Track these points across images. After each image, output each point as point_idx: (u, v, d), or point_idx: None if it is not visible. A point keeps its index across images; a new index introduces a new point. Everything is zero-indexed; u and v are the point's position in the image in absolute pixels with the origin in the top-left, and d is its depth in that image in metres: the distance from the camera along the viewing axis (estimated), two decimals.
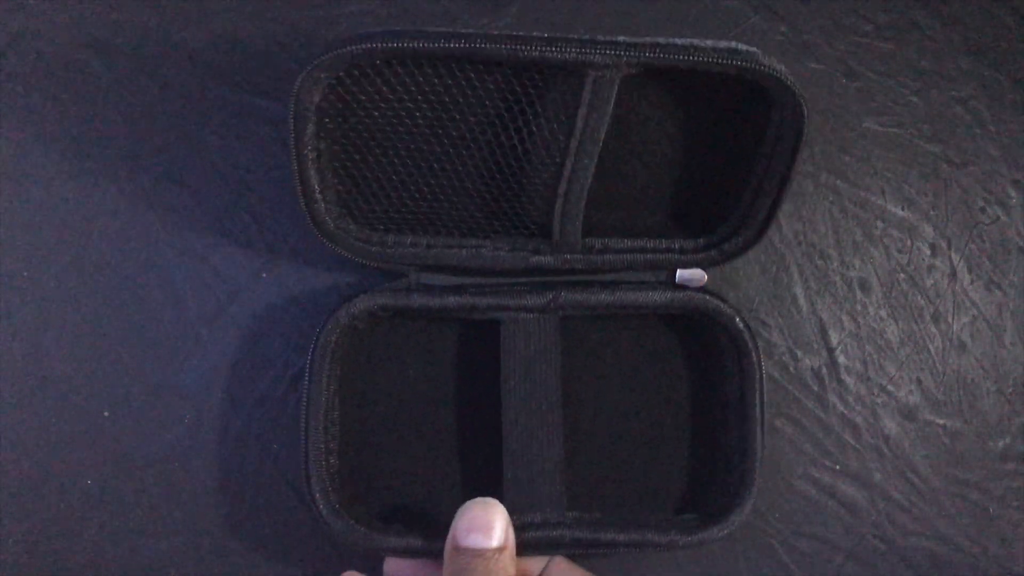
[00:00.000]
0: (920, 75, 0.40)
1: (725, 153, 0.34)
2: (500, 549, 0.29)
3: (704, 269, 0.35)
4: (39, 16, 0.37)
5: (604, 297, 0.34)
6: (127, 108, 0.37)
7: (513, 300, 0.34)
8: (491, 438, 0.35)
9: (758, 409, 0.34)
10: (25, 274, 0.36)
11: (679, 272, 0.35)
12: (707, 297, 0.34)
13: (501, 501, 0.31)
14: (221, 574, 0.36)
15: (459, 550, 0.29)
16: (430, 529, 0.32)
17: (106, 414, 0.36)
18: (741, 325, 0.34)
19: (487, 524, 0.29)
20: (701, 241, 0.35)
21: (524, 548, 0.32)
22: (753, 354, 0.34)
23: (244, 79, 0.37)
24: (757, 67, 0.29)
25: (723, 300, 0.35)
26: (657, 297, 0.34)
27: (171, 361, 0.36)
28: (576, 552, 0.34)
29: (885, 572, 0.38)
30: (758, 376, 0.34)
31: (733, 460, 0.34)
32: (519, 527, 0.32)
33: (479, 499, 0.30)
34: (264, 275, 0.37)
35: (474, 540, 0.29)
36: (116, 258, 0.37)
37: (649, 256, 0.35)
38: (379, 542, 0.32)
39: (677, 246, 0.35)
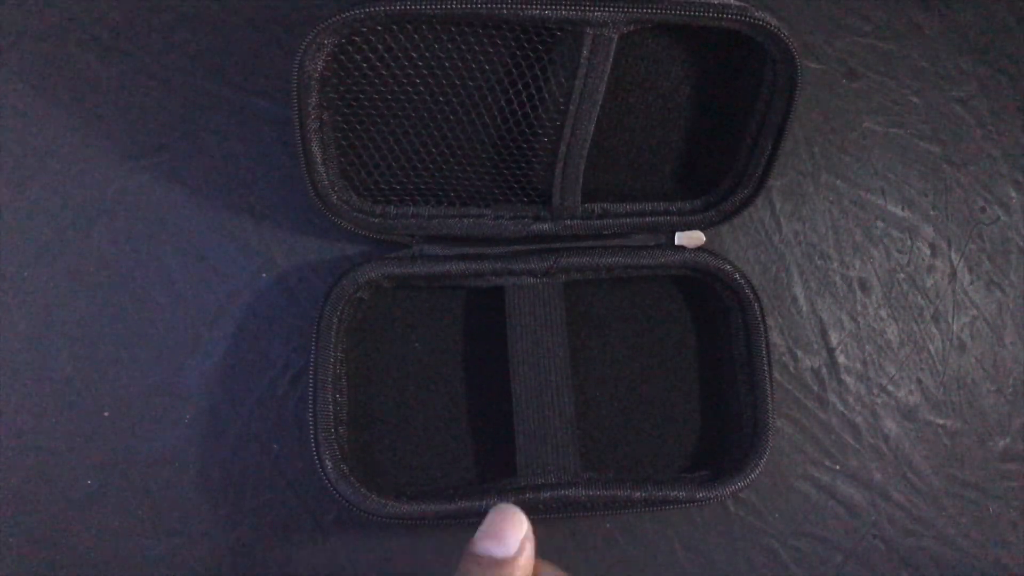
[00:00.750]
0: (920, 75, 0.40)
1: (721, 111, 0.34)
2: (508, 561, 0.28)
3: (703, 231, 0.36)
4: (39, 16, 0.37)
5: (604, 259, 0.35)
6: (127, 108, 0.37)
7: (516, 264, 0.35)
8: (501, 404, 0.35)
9: (765, 361, 0.34)
10: (25, 274, 0.36)
11: (677, 235, 0.36)
12: (707, 255, 0.35)
13: (514, 464, 0.30)
14: (221, 574, 0.36)
15: (469, 555, 0.28)
16: (442, 498, 0.32)
17: (106, 414, 0.36)
18: (742, 280, 0.35)
19: (500, 532, 0.28)
20: (699, 202, 0.35)
21: (541, 509, 0.32)
22: (756, 307, 0.35)
23: (244, 79, 0.37)
24: (750, 20, 0.29)
25: (722, 258, 0.35)
26: (657, 258, 0.35)
27: (171, 361, 0.36)
28: (594, 512, 0.34)
29: (885, 572, 0.38)
30: (762, 329, 0.35)
31: (745, 414, 0.35)
32: (534, 488, 0.32)
33: (502, 505, 0.29)
34: (264, 275, 0.37)
35: (484, 548, 0.28)
36: (116, 258, 0.37)
37: (648, 219, 0.35)
38: (392, 509, 0.32)
39: (675, 208, 0.35)
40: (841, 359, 0.39)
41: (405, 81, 0.31)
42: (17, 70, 0.37)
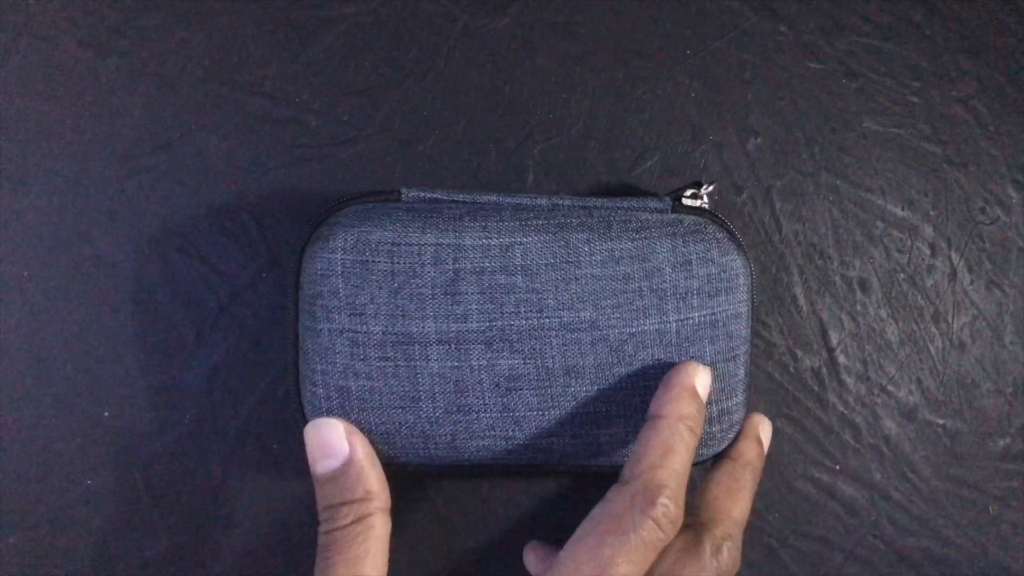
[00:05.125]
0: (920, 75, 0.40)
1: None
2: (347, 465, 0.29)
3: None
4: (39, 16, 0.37)
5: None
6: (127, 108, 0.37)
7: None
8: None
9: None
10: (25, 274, 0.36)
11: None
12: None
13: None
14: (221, 574, 0.36)
15: (317, 481, 0.29)
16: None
17: (106, 414, 0.36)
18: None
19: (324, 445, 0.30)
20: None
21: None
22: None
23: (244, 79, 0.37)
24: None
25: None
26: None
27: (171, 361, 0.36)
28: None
29: (885, 572, 0.38)
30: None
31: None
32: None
33: (314, 422, 0.30)
34: (264, 275, 0.37)
35: (322, 467, 0.29)
36: (116, 258, 0.37)
37: None
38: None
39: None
40: (841, 359, 0.39)
41: None
42: (17, 70, 0.37)
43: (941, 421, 0.39)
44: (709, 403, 0.32)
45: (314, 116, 0.37)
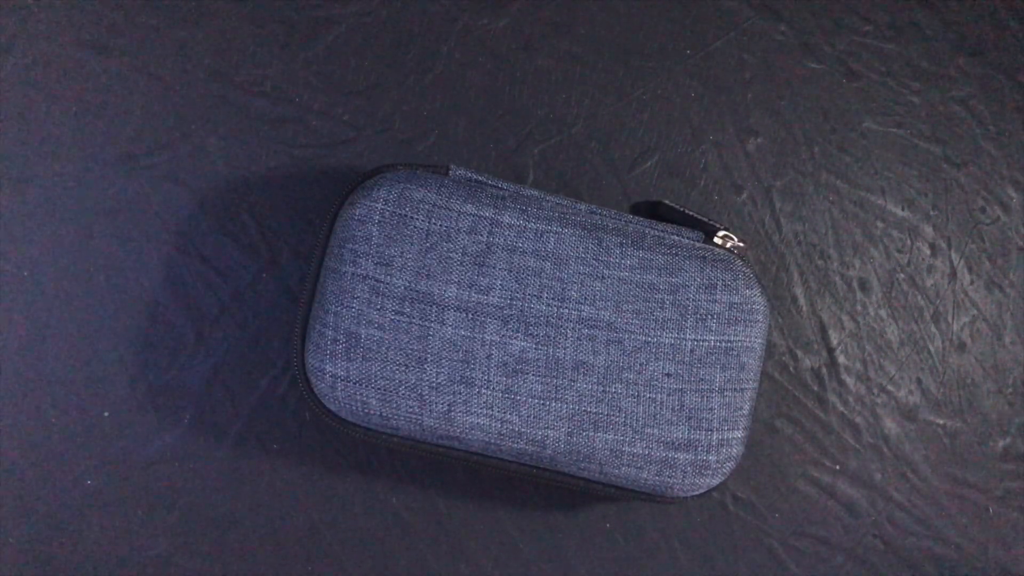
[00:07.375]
0: (920, 75, 0.40)
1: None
2: None
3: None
4: (39, 16, 0.37)
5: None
6: (127, 108, 0.37)
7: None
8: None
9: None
10: (25, 274, 0.36)
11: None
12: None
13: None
14: (221, 574, 0.36)
15: None
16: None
17: (106, 414, 0.36)
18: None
19: None
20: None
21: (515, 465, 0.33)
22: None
23: (244, 79, 0.37)
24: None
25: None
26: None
27: (171, 361, 0.36)
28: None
29: (885, 572, 0.38)
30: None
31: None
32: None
33: None
34: (264, 275, 0.37)
35: None
36: (116, 258, 0.37)
37: None
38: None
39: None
40: (841, 359, 0.39)
41: None
42: (17, 70, 0.37)
43: (941, 421, 0.39)
44: (711, 430, 0.32)
45: (314, 116, 0.37)
